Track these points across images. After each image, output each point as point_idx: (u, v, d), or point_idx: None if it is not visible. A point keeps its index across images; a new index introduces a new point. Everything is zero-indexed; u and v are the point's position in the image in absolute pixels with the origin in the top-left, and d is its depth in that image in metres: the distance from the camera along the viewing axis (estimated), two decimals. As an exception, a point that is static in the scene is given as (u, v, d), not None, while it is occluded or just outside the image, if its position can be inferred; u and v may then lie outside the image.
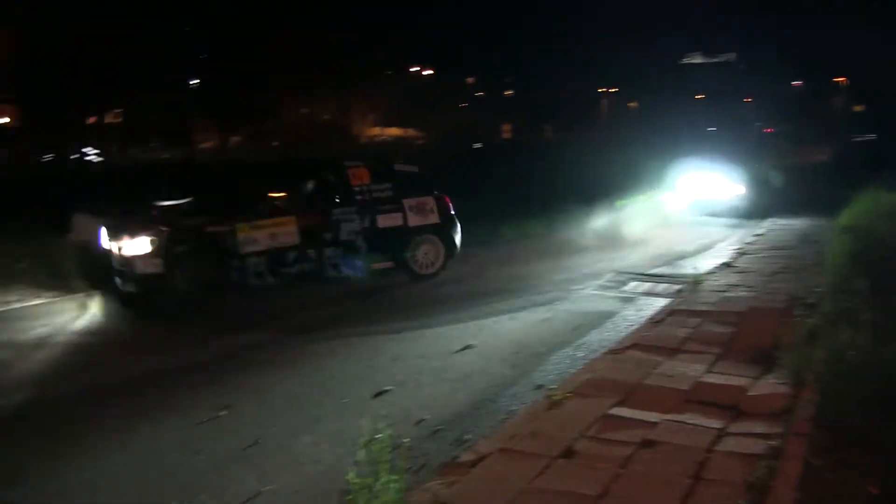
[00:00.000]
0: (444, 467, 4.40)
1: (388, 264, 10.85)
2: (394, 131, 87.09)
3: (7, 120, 70.64)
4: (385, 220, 10.83)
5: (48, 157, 43.06)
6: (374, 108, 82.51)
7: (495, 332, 7.92)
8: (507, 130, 72.47)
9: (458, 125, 64.00)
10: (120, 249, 9.21)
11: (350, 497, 4.02)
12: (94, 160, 39.50)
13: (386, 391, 6.05)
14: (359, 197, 10.73)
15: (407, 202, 11.08)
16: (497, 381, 6.29)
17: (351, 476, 4.06)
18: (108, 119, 61.52)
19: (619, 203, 16.81)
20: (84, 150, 40.52)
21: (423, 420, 5.35)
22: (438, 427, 5.27)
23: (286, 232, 10.04)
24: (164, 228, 9.45)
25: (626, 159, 23.34)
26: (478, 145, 47.72)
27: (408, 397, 5.93)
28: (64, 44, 38.35)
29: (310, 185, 10.82)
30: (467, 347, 7.25)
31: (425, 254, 11.14)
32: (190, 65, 43.67)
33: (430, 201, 11.32)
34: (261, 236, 9.84)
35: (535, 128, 72.03)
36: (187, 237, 9.60)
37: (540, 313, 8.73)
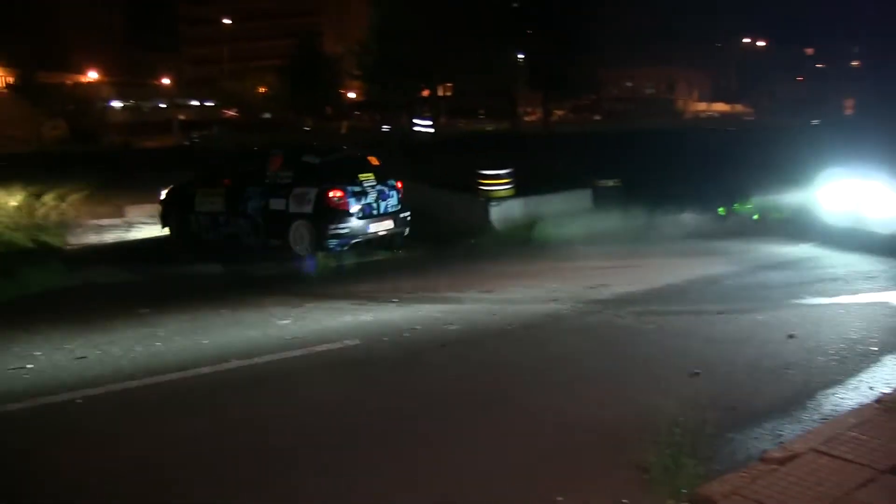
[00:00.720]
0: (749, 461, 4.13)
1: (278, 242, 12.42)
2: (720, 107, 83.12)
3: (353, 95, 78.29)
4: (274, 204, 12.46)
5: (386, 127, 46.73)
6: (700, 83, 79.22)
7: (820, 322, 7.24)
8: (849, 106, 65.66)
9: (793, 100, 59.01)
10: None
11: (648, 476, 3.94)
12: (425, 131, 42.22)
13: (696, 374, 5.81)
14: (266, 181, 12.67)
15: (295, 190, 12.31)
16: (818, 376, 5.74)
17: (651, 454, 3.96)
18: (440, 93, 65.40)
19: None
20: (415, 120, 43.47)
21: (732, 408, 5.05)
22: (747, 417, 4.94)
23: (217, 201, 13.16)
24: (172, 185, 14.27)
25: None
26: (816, 122, 43.75)
27: (718, 383, 5.64)
28: (405, 22, 41.23)
29: (242, 166, 13.62)
30: (789, 337, 6.70)
31: (300, 238, 12.18)
32: (517, 39, 44.78)
33: (311, 192, 12.14)
34: (206, 201, 13.31)
35: (884, 102, 64.45)
36: (173, 192, 14.17)
37: (876, 308, 7.84)
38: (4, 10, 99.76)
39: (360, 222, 12.21)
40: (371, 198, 12.45)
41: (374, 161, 13.13)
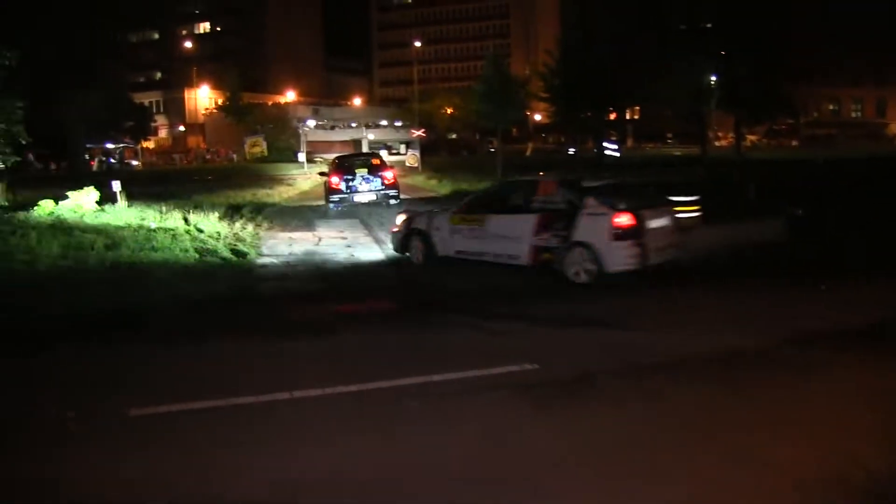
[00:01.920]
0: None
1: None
2: (942, 130, 76.40)
3: (539, 117, 78.71)
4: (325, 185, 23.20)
5: (572, 150, 46.64)
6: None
7: None
8: None
9: None
10: None
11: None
12: (611, 154, 41.76)
13: None
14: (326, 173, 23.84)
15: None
16: None
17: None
18: (628, 115, 64.44)
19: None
20: (604, 143, 43.10)
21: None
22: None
23: None
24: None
25: None
26: None
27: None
28: (594, 44, 41.07)
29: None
30: None
31: (328, 202, 22.53)
32: (709, 60, 43.34)
33: (325, 179, 23.06)
34: None
35: None
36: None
37: None
38: (219, 37, 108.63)
39: (347, 195, 21.74)
40: (357, 181, 21.74)
41: (375, 161, 23.18)
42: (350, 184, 21.65)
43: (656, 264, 11.01)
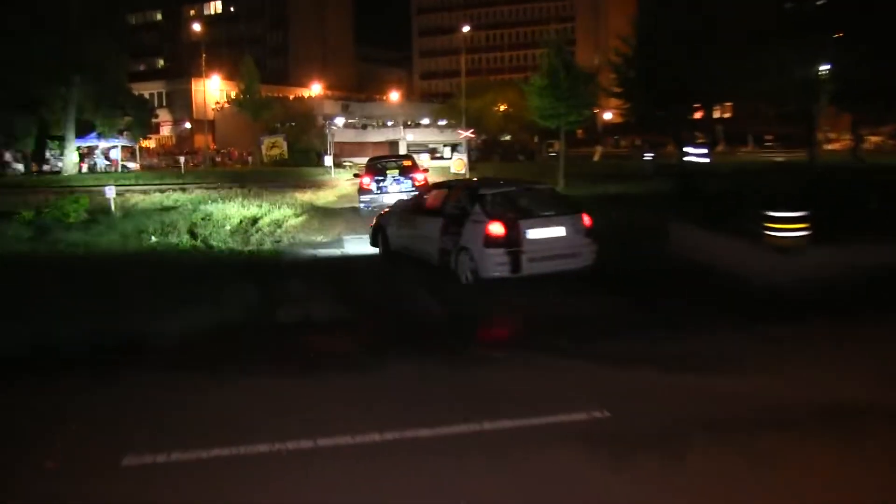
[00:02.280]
0: None
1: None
2: None
3: (610, 116, 78.42)
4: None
5: (649, 155, 46.13)
6: None
7: None
8: None
9: None
10: None
11: None
12: (698, 160, 41.19)
13: None
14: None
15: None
16: None
17: None
18: (717, 114, 63.74)
19: None
20: (686, 148, 42.52)
21: None
22: None
23: None
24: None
25: None
26: None
27: None
28: (677, 25, 40.69)
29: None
30: None
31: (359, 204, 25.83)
32: (821, 46, 42.61)
33: (360, 178, 26.26)
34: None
35: None
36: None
37: None
38: (232, 19, 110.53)
39: (377, 195, 24.48)
40: (387, 183, 24.81)
41: (406, 163, 26.20)
42: (380, 185, 24.92)
43: (535, 275, 12.71)
